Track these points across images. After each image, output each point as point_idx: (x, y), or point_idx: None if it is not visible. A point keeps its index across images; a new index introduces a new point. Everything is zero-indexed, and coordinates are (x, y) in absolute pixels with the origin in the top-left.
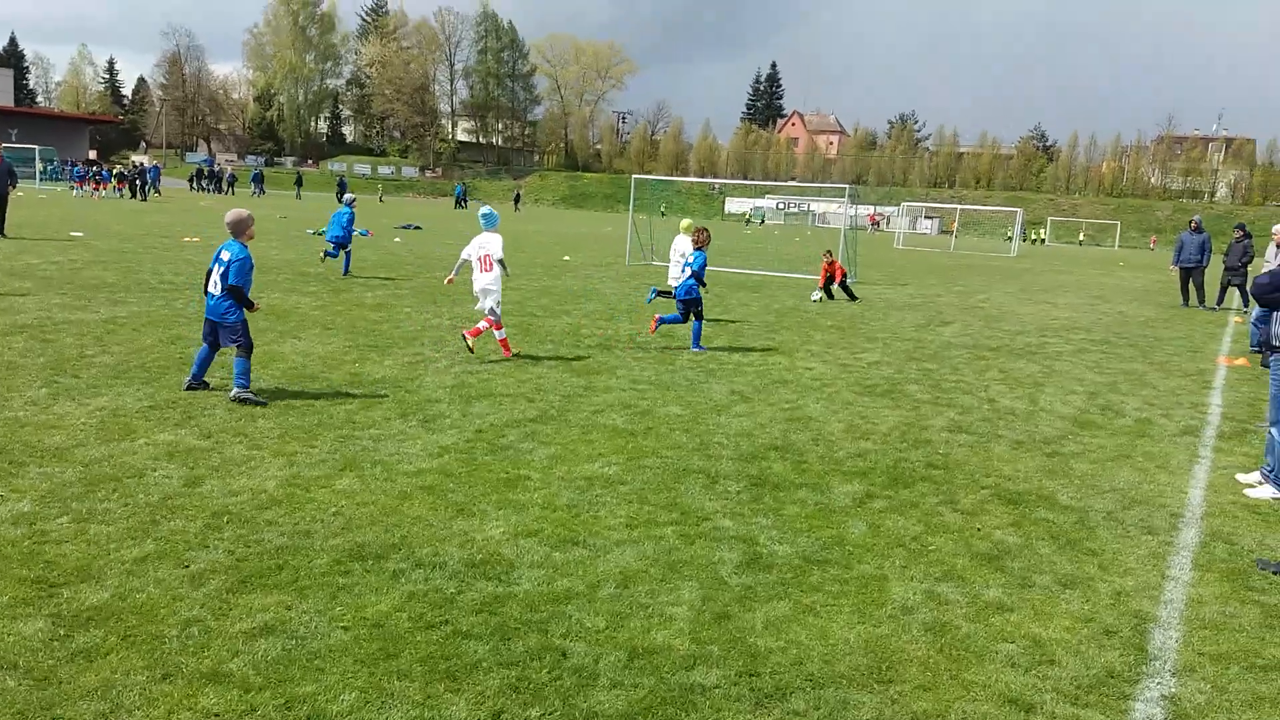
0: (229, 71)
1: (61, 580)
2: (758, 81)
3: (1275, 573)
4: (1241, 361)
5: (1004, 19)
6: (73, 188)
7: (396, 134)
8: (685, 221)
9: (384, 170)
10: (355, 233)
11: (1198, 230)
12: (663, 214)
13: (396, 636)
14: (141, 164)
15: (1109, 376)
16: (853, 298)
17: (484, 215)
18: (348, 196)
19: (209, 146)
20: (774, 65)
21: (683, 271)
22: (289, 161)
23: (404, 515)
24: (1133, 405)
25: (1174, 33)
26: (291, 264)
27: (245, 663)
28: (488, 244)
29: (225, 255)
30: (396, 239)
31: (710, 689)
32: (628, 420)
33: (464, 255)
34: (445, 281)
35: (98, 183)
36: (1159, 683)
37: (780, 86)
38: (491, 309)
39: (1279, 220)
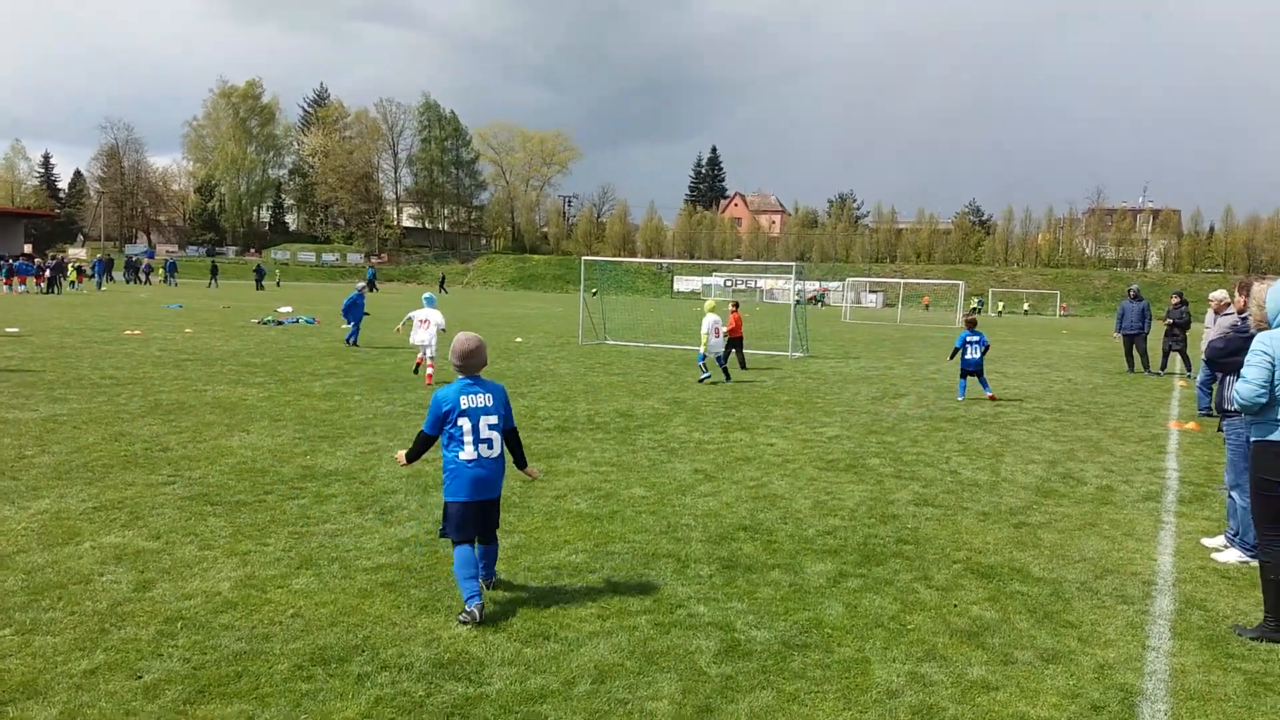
0: (168, 163)
1: (6, 697)
2: (699, 165)
3: (1253, 638)
4: (1191, 425)
5: (934, 100)
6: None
7: (341, 221)
8: (710, 302)
9: (328, 258)
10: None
11: (1137, 299)
12: (594, 294)
13: None
14: (59, 258)
15: (1066, 444)
16: (742, 366)
17: (426, 298)
18: (360, 284)
19: (149, 238)
20: (714, 149)
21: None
22: (230, 251)
23: (365, 614)
24: (1092, 472)
25: (1098, 108)
26: (237, 354)
27: None
28: (430, 315)
29: (483, 398)
30: (343, 325)
31: None
32: (591, 504)
33: (410, 315)
34: (395, 330)
35: (10, 275)
36: None
37: (721, 169)
38: (429, 355)
39: (1214, 287)
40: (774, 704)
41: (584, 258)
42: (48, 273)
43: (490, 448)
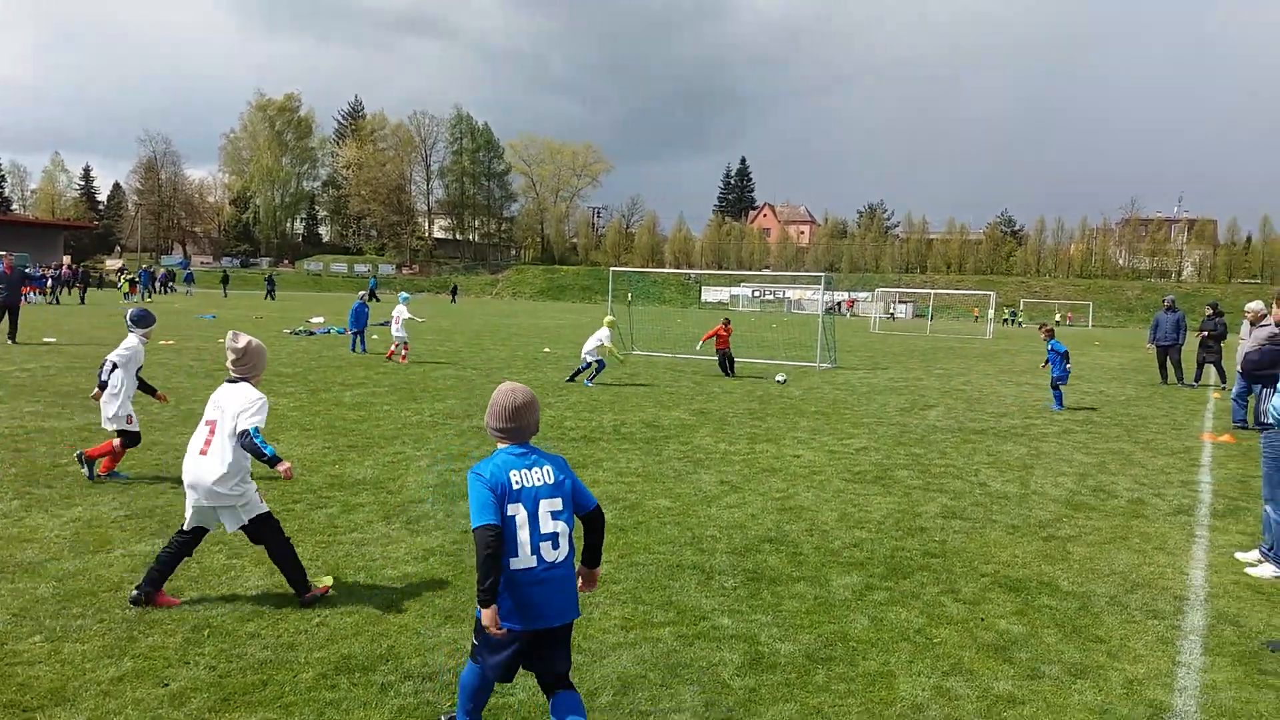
0: (204, 175)
1: (35, 704)
2: (728, 176)
3: None
4: (1226, 438)
5: (968, 110)
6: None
7: (373, 233)
8: (609, 318)
9: (360, 268)
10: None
11: (1171, 309)
12: (629, 304)
13: None
14: (76, 268)
15: (1097, 456)
16: (728, 373)
17: (402, 297)
18: (363, 293)
19: (184, 249)
20: (743, 160)
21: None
22: (264, 262)
23: (390, 624)
24: (1124, 485)
25: (1133, 117)
26: (268, 365)
27: None
28: (398, 311)
29: (541, 474)
30: (374, 336)
31: None
32: (616, 515)
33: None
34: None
35: (33, 285)
36: None
37: (750, 180)
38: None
39: (1250, 298)
40: (797, 717)
41: (612, 269)
42: (49, 283)
43: (555, 547)
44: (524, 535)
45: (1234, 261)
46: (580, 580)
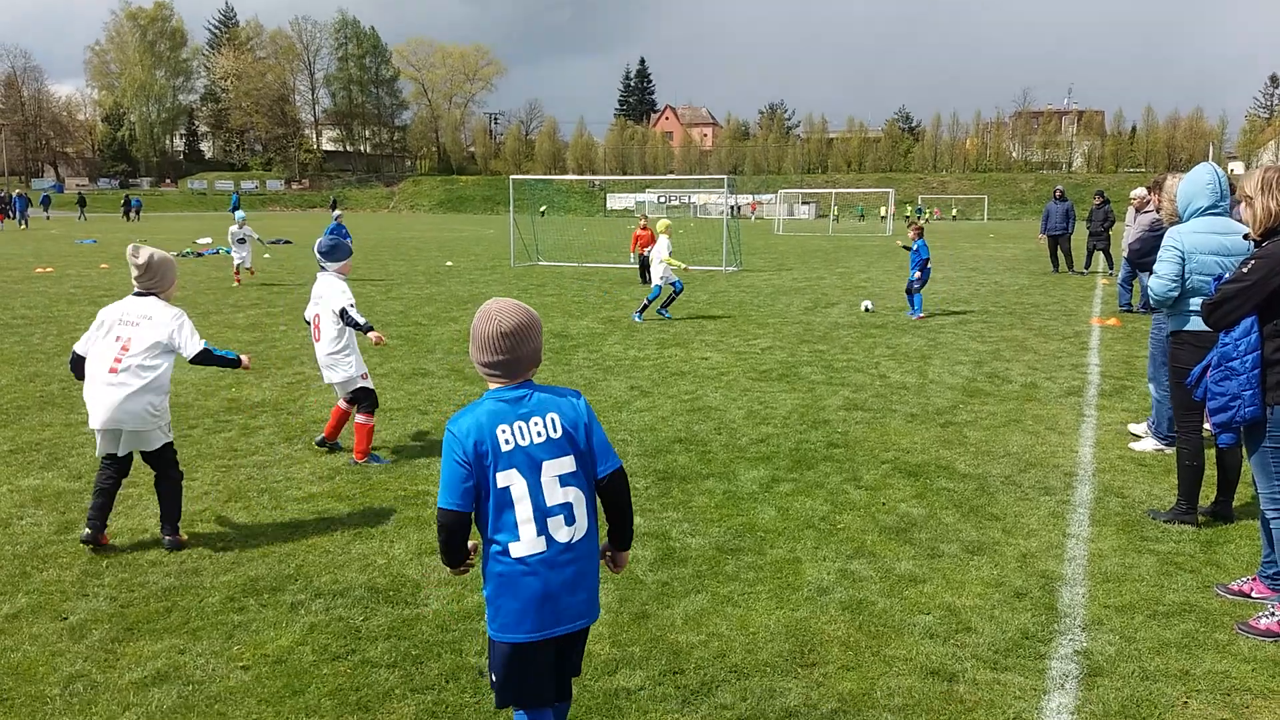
0: (72, 92)
1: None
2: (628, 77)
3: (1166, 521)
4: (1113, 321)
5: (863, 6)
6: None
7: (258, 147)
8: (663, 221)
9: (247, 185)
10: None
11: (1061, 199)
12: (542, 214)
13: (301, 671)
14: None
15: (991, 345)
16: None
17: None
18: (336, 212)
19: (56, 171)
20: (643, 61)
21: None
22: (145, 183)
23: (297, 544)
24: (1017, 371)
25: (1025, 9)
26: None
27: (139, 715)
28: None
29: (542, 426)
30: (266, 255)
31: (635, 691)
32: None
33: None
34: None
35: None
36: (1071, 639)
37: (651, 82)
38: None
39: (1135, 187)
40: (709, 606)
41: (513, 177)
42: None
43: (569, 522)
44: (524, 510)
45: (1120, 151)
46: (606, 562)
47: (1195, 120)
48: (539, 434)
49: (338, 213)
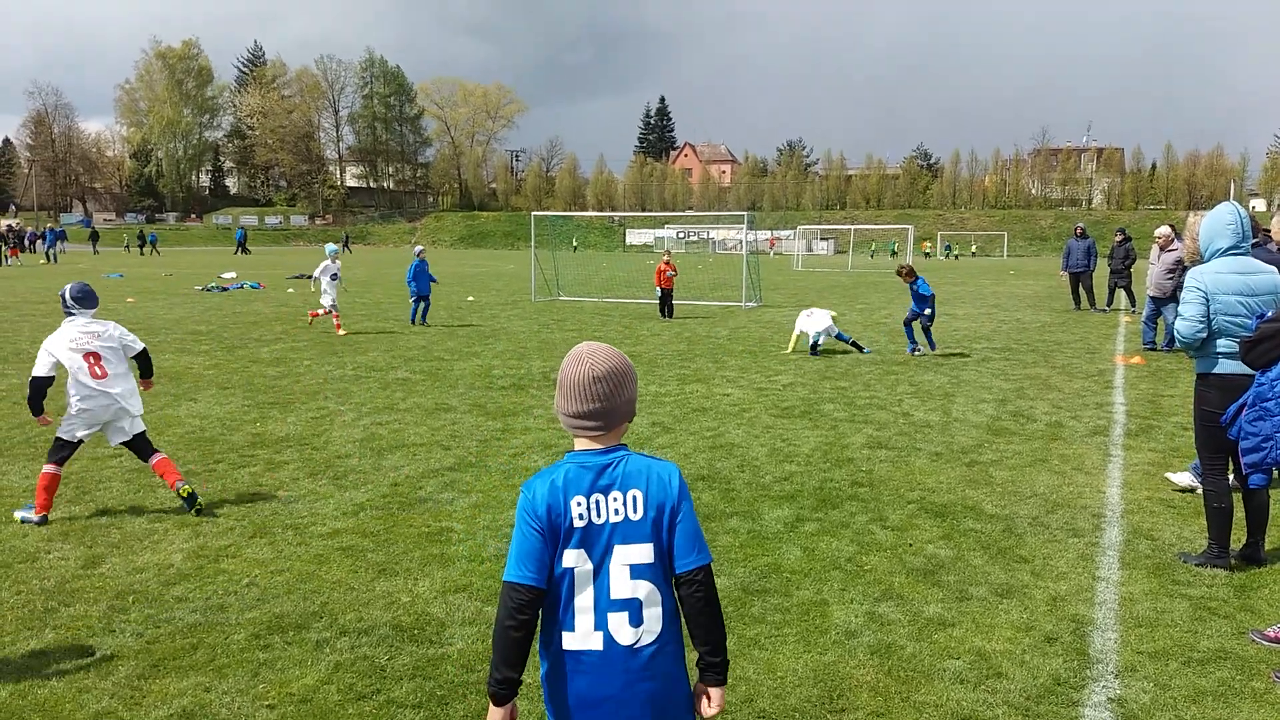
0: (101, 129)
1: None
2: (648, 115)
3: (1198, 565)
4: (1137, 360)
5: (880, 45)
6: None
7: (283, 183)
8: (832, 313)
9: (271, 220)
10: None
11: (1082, 236)
12: (575, 249)
13: (327, 711)
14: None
15: (1015, 383)
16: (665, 315)
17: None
18: (418, 248)
19: (84, 206)
20: (662, 99)
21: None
22: (170, 217)
23: (322, 580)
24: (1042, 409)
25: (1043, 48)
26: (181, 322)
27: None
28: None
29: (622, 502)
30: (289, 289)
31: None
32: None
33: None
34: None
35: None
36: (1104, 686)
37: (670, 119)
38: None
39: (1157, 223)
40: (735, 648)
41: (534, 213)
42: None
43: (635, 623)
44: (584, 599)
45: (1140, 188)
46: (696, 700)
47: (1216, 157)
48: (616, 511)
49: (420, 248)
